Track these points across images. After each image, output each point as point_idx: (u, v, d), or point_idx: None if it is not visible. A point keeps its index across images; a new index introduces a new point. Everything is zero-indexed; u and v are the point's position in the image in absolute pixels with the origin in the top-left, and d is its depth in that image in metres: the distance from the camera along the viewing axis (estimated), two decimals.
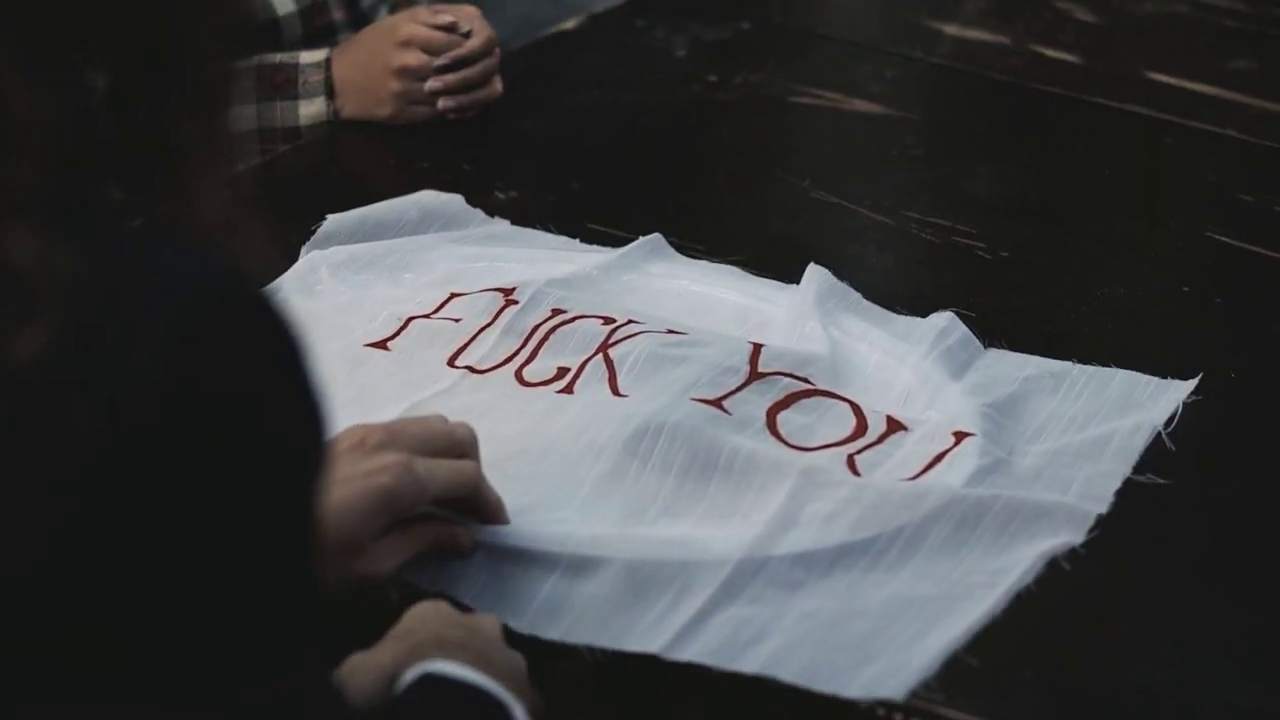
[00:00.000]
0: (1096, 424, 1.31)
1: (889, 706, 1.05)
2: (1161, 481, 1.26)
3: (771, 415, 1.29)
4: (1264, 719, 1.07)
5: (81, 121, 0.78)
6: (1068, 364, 1.38)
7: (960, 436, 1.27)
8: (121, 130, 0.80)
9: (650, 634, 1.11)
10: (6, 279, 0.72)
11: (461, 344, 1.38)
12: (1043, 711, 1.06)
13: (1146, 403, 1.33)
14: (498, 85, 1.83)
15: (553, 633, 1.10)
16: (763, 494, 1.21)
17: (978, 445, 1.26)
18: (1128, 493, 1.24)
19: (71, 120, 0.77)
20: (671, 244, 1.54)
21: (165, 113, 0.80)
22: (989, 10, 2.11)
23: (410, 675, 0.99)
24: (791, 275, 1.48)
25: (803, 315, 1.41)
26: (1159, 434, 1.30)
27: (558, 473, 1.23)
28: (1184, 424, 1.32)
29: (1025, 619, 1.12)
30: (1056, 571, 1.16)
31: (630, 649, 1.10)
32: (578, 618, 1.11)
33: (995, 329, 1.45)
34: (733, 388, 1.30)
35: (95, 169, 0.79)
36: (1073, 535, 1.19)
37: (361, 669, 1.00)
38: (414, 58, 1.79)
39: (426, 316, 1.41)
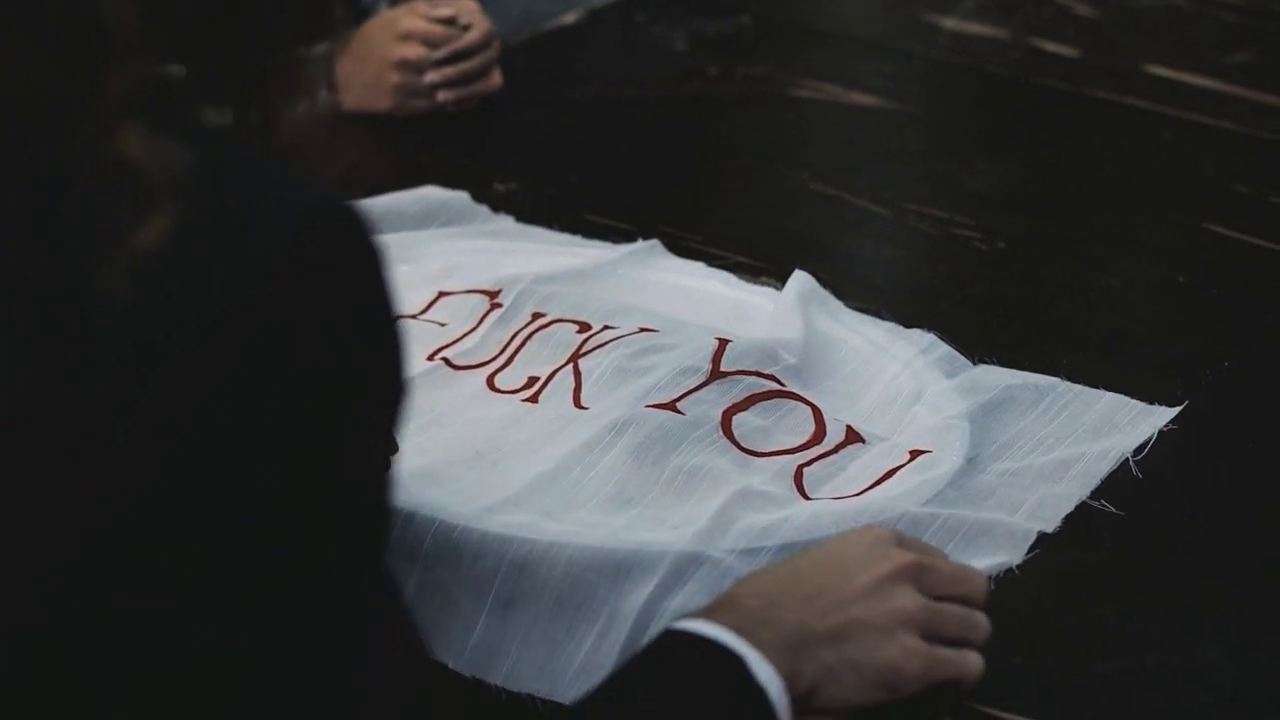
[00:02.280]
0: (1066, 446, 1.27)
1: None
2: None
3: (727, 417, 1.27)
4: (1254, 703, 1.07)
5: (175, 41, 0.79)
6: (1055, 380, 1.34)
7: (915, 454, 1.26)
8: (210, 56, 0.81)
9: (586, 673, 1.08)
10: (124, 173, 0.74)
11: (442, 346, 1.38)
12: (1034, 696, 1.07)
13: (1125, 427, 1.30)
14: (497, 78, 1.84)
15: (494, 678, 1.10)
16: (699, 507, 1.19)
17: (934, 460, 1.24)
18: (1117, 478, 1.25)
19: (167, 38, 0.78)
20: (670, 237, 1.55)
21: (255, 40, 0.82)
22: (988, 4, 2.12)
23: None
24: (790, 268, 1.49)
25: (786, 306, 1.40)
26: (1129, 459, 1.27)
27: (504, 480, 1.23)
28: (1181, 413, 1.32)
29: (1016, 605, 1.12)
30: (1047, 558, 1.17)
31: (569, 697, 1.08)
32: (514, 661, 1.11)
33: (992, 320, 1.46)
34: (691, 387, 1.28)
35: (189, 90, 0.81)
36: (1011, 555, 1.16)
37: None
38: (413, 51, 1.80)
39: (413, 317, 1.42)
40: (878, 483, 1.23)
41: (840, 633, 0.97)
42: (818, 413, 1.29)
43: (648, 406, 1.26)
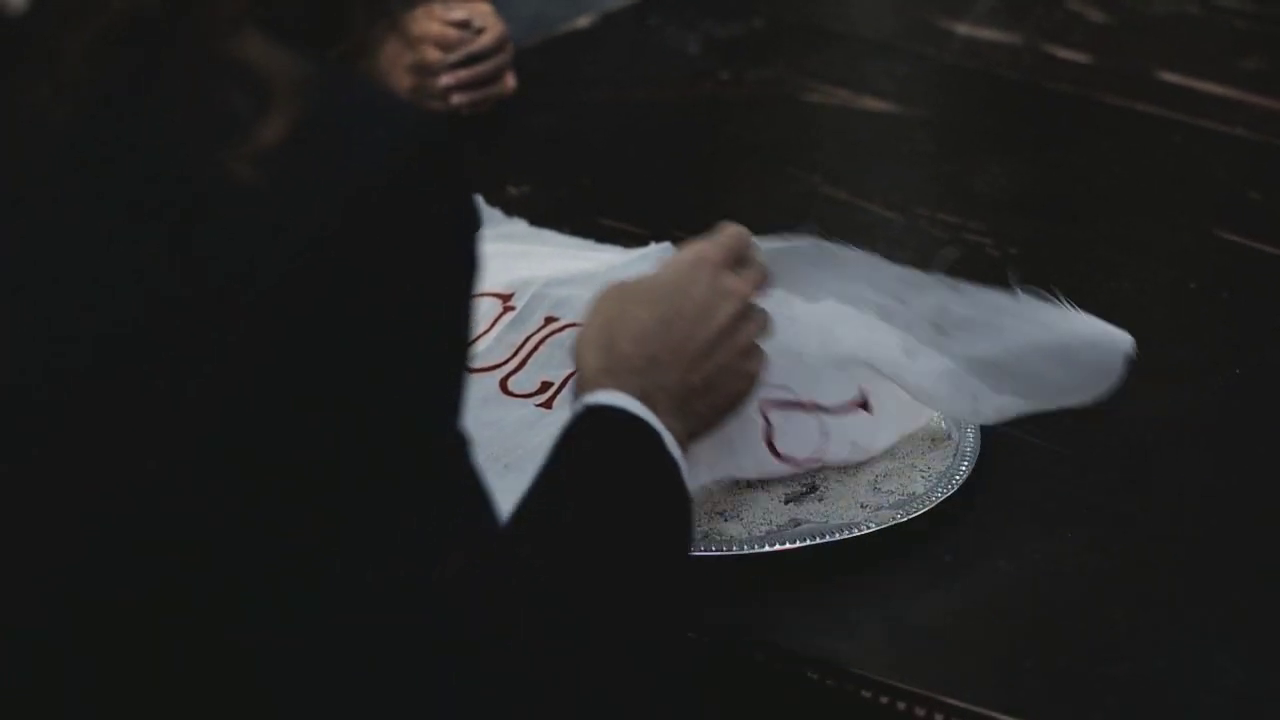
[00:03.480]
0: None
1: (892, 693, 1.06)
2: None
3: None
4: (1260, 705, 1.08)
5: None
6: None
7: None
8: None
9: None
10: (245, 74, 0.79)
11: None
12: (1043, 698, 1.07)
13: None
14: (510, 81, 1.84)
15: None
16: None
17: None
18: (1128, 483, 1.25)
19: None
20: (682, 240, 1.54)
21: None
22: (1000, 9, 2.12)
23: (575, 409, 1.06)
24: None
25: None
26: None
27: (518, 484, 1.22)
28: (1190, 417, 1.33)
29: (1028, 608, 1.13)
30: (1059, 562, 1.17)
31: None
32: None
33: None
34: None
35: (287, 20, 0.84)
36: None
37: None
38: (427, 54, 1.80)
39: None
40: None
41: (710, 384, 1.10)
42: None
43: None
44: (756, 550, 1.18)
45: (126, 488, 0.78)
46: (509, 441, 1.28)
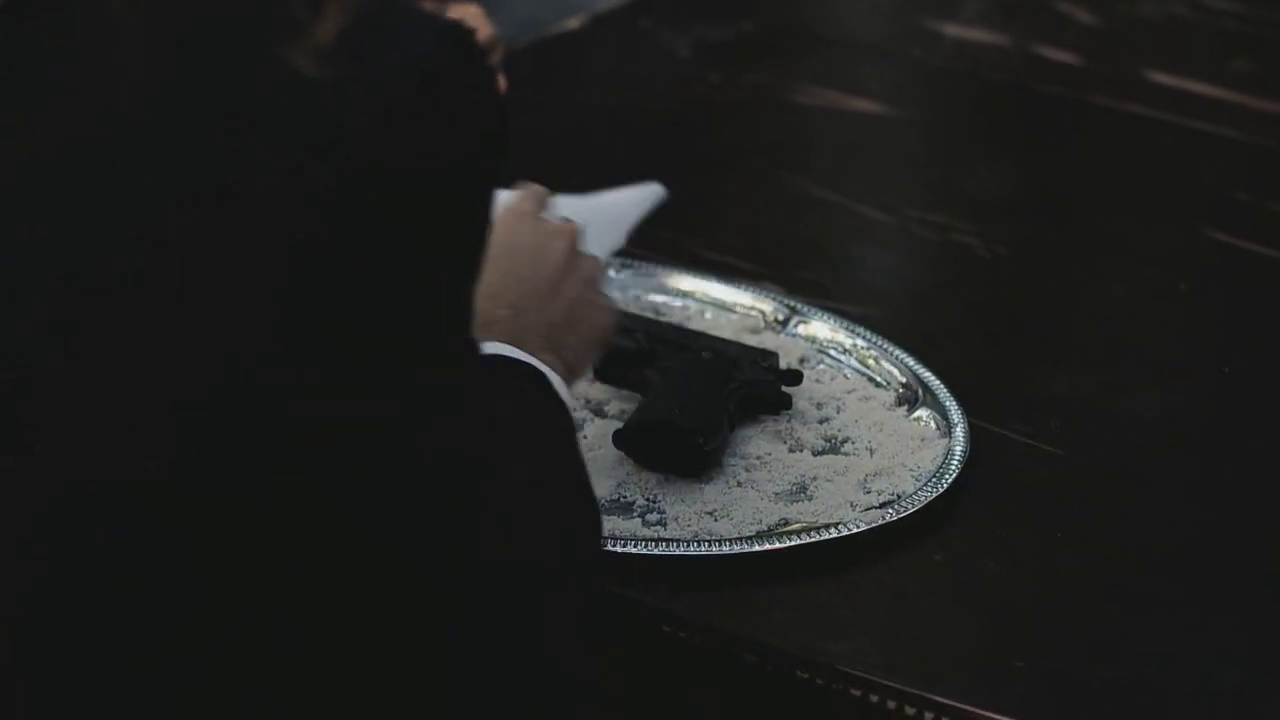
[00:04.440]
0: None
1: (882, 692, 1.06)
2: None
3: None
4: (1255, 708, 1.08)
5: None
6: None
7: None
8: None
9: None
10: None
11: None
12: (1034, 698, 1.07)
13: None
14: (500, 83, 1.84)
15: None
16: None
17: None
18: (1119, 483, 1.26)
19: None
20: (672, 241, 1.55)
21: None
22: (989, 11, 2.12)
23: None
24: (791, 273, 1.50)
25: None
26: None
27: None
28: (1179, 417, 1.33)
29: (1018, 607, 1.13)
30: (1049, 562, 1.18)
31: None
32: None
33: (991, 326, 1.46)
34: None
35: None
36: None
37: None
38: None
39: None
40: None
41: (570, 317, 1.14)
42: None
43: None
44: (746, 550, 1.18)
45: (192, 376, 0.82)
46: None
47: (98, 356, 0.82)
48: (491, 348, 1.06)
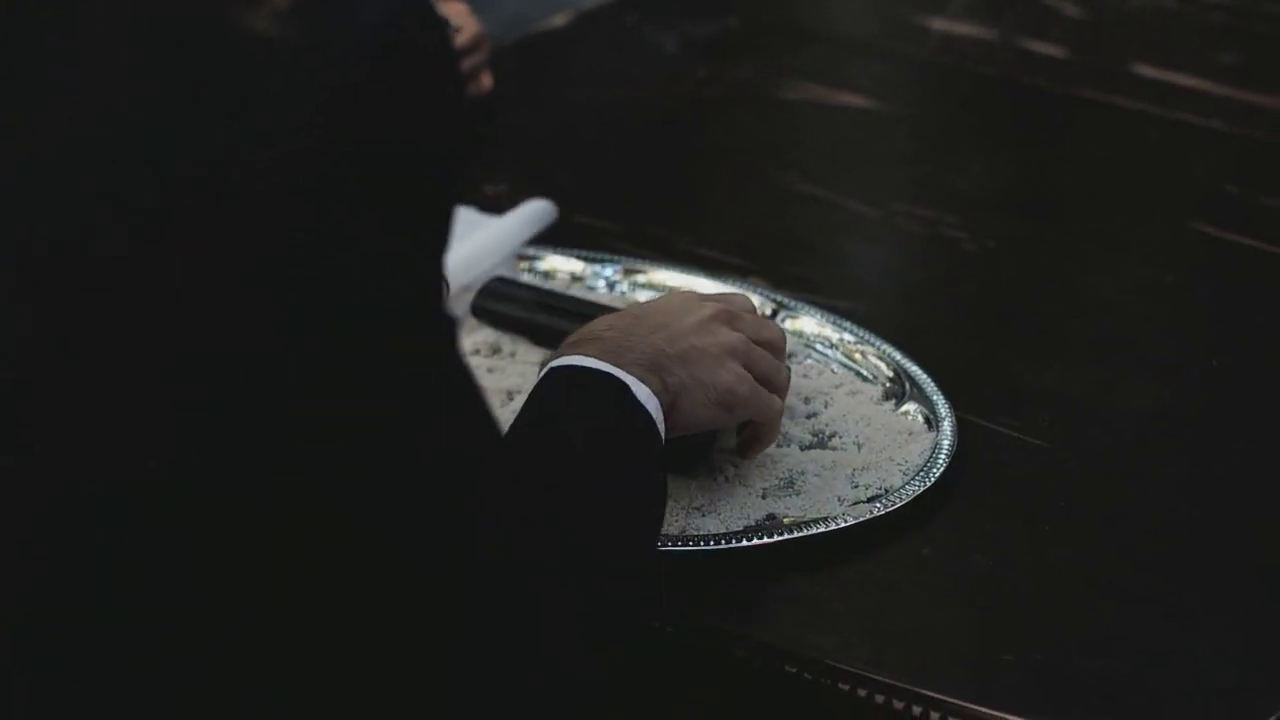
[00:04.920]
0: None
1: (871, 686, 1.06)
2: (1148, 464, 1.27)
3: None
4: (1243, 702, 1.08)
5: None
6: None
7: None
8: None
9: None
10: None
11: None
12: (1023, 692, 1.07)
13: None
14: (486, 80, 1.84)
15: None
16: None
17: None
18: (1107, 477, 1.25)
19: None
20: (659, 238, 1.55)
21: None
22: (976, 5, 2.12)
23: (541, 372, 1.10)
24: (779, 268, 1.49)
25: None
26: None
27: None
28: (1168, 411, 1.33)
29: (1006, 601, 1.13)
30: (1038, 556, 1.17)
31: None
32: None
33: (980, 320, 1.46)
34: None
35: None
36: None
37: None
38: None
39: None
40: None
41: (685, 356, 1.13)
42: None
43: None
44: (734, 545, 1.18)
45: (168, 354, 0.82)
46: None
47: (97, 356, 0.82)
48: (570, 359, 1.07)
